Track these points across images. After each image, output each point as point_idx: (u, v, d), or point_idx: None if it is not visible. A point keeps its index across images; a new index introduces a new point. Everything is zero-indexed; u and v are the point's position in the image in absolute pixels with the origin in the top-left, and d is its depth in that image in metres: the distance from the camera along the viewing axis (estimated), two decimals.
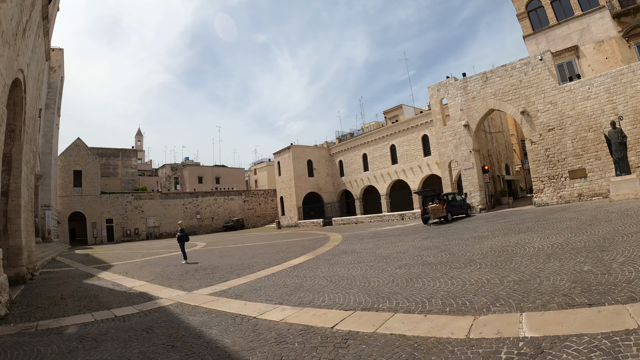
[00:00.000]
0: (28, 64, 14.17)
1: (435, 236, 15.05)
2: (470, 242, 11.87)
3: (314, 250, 15.29)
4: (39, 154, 32.30)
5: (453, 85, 28.17)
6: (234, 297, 7.78)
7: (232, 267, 12.62)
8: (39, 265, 17.86)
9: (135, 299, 8.73)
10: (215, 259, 16.11)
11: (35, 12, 14.03)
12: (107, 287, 11.06)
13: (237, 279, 10.10)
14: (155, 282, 11.01)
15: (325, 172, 48.86)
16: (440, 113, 29.48)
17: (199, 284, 9.89)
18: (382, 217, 34.43)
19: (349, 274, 8.94)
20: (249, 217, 59.23)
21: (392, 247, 13.11)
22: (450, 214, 22.95)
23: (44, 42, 16.89)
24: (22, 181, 14.48)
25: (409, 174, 37.67)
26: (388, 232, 20.16)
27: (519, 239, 10.83)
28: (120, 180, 54.80)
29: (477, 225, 17.27)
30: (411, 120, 37.65)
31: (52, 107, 35.10)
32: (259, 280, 9.55)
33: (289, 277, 9.44)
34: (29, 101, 14.93)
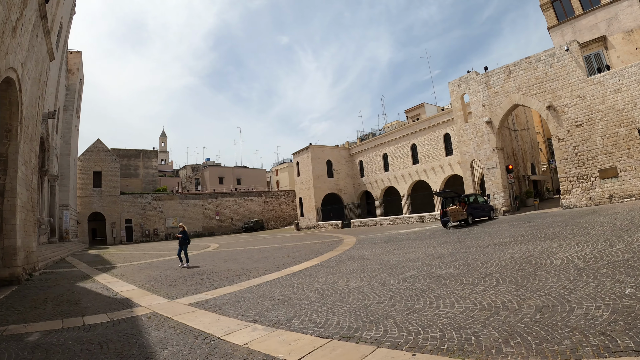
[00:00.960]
0: (23, 63, 13.71)
1: (452, 242, 13.79)
2: (489, 250, 10.59)
3: (321, 256, 14.32)
4: (56, 154, 32.48)
5: (474, 79, 26.53)
6: (212, 309, 7.05)
7: (229, 273, 11.90)
8: (42, 266, 17.50)
9: (115, 305, 8.27)
10: (218, 263, 15.38)
11: (30, 11, 13.55)
12: (95, 290, 10.61)
13: (227, 287, 9.34)
14: (145, 287, 10.47)
15: (345, 173, 47.68)
16: (461, 109, 27.87)
17: (186, 291, 9.25)
18: (401, 219, 33.03)
19: (346, 286, 7.85)
20: (268, 218, 58.63)
21: (402, 254, 11.98)
22: (471, 217, 21.55)
23: (46, 42, 16.46)
24: (19, 181, 14.10)
25: (430, 174, 36.05)
26: (404, 236, 18.96)
27: (545, 248, 9.50)
28: (141, 181, 55.20)
29: (499, 230, 15.84)
30: (432, 119, 36.04)
31: (71, 109, 35.33)
32: (249, 289, 8.70)
33: (280, 287, 8.52)
34: (26, 101, 14.53)
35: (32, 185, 16.33)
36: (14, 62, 12.55)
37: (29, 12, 13.47)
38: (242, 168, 70.74)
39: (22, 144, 14.48)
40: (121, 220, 45.79)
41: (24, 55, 13.65)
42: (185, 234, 15.39)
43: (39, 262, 16.80)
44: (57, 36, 28.73)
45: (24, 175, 14.82)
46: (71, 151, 35.51)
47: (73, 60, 36.13)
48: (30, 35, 14.14)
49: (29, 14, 13.54)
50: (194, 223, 52.23)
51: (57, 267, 17.83)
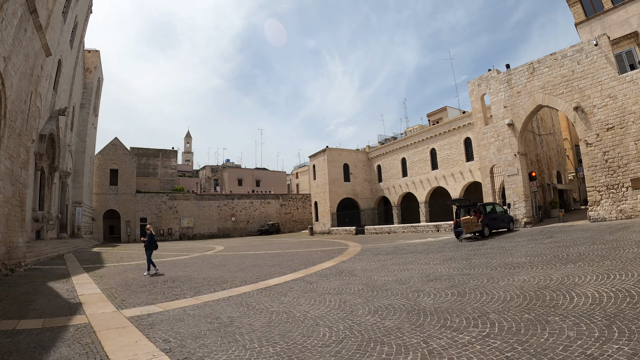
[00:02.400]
0: (6, 57, 13.72)
1: (459, 258, 12.42)
2: (497, 273, 9.07)
3: (311, 267, 13.35)
4: (70, 151, 32.30)
5: (495, 78, 24.58)
6: (146, 326, 6.36)
7: (203, 282, 11.15)
8: (33, 262, 17.35)
9: (62, 310, 7.86)
10: (203, 269, 14.65)
11: (13, 5, 13.54)
12: (58, 292, 10.18)
13: (186, 299, 8.64)
14: (108, 292, 10.01)
15: (362, 177, 46.13)
16: (481, 111, 25.97)
17: (142, 300, 8.68)
18: (416, 228, 31.29)
19: (305, 312, 6.67)
20: (285, 222, 57.63)
21: (396, 272, 10.75)
22: (487, 228, 19.91)
23: (39, 37, 15.90)
24: (1, 176, 13.42)
25: (450, 180, 34.02)
26: (411, 247, 17.73)
27: (566, 275, 7.82)
28: (160, 180, 55.39)
29: (515, 245, 14.29)
30: (452, 122, 34.06)
31: (87, 107, 35.41)
32: (204, 305, 7.94)
33: (237, 306, 7.63)
34: (11, 95, 14.29)
35: (20, 181, 15.92)
36: None
37: (12, 5, 13.18)
38: (262, 170, 70.13)
39: (5, 138, 14.03)
40: (136, 218, 45.90)
41: (7, 49, 13.48)
42: (151, 237, 14.07)
43: (26, 258, 16.64)
44: (72, 34, 28.57)
45: (8, 170, 14.40)
46: (86, 148, 35.65)
47: (91, 59, 36.29)
48: (16, 29, 13.88)
49: (13, 7, 13.20)
50: (209, 224, 51.84)
51: (48, 264, 17.62)
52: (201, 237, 49.63)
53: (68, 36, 27.15)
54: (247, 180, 65.53)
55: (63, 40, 25.78)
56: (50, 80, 24.71)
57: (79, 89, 33.67)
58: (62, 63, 26.58)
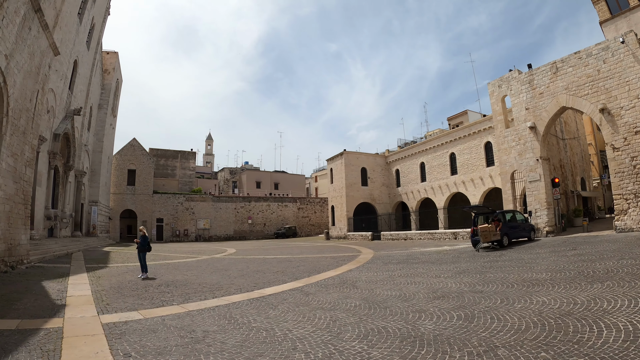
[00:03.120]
0: (8, 55, 13.28)
1: (473, 271, 11.46)
2: (513, 291, 8.02)
3: (315, 276, 12.72)
4: (87, 151, 32.50)
5: (516, 79, 23.37)
6: (116, 336, 6.00)
7: (197, 288, 10.79)
8: (37, 259, 17.39)
9: (44, 312, 7.66)
10: (203, 274, 14.25)
11: (15, 3, 13.00)
12: (49, 292, 10.04)
13: (171, 307, 8.24)
14: (98, 294, 9.82)
15: (380, 182, 45.15)
16: (501, 113, 24.76)
17: (127, 306, 8.39)
18: (433, 235, 30.21)
19: (287, 331, 6.11)
20: (302, 225, 57.11)
21: (402, 285, 9.90)
22: (506, 238, 18.82)
23: (46, 36, 15.72)
24: (2, 173, 14.41)
25: (469, 186, 32.69)
26: (424, 257, 16.90)
27: (592, 297, 6.70)
28: (178, 182, 55.75)
29: (535, 258, 13.25)
30: (472, 125, 32.76)
31: (105, 107, 35.78)
32: (185, 314, 7.47)
33: (219, 318, 7.04)
34: (14, 93, 14.44)
35: (25, 179, 15.98)
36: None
37: (14, 4, 13.23)
38: (281, 173, 69.90)
39: (8, 136, 14.09)
40: (152, 219, 46.22)
41: (9, 47, 13.54)
42: (144, 239, 13.57)
43: (30, 256, 16.77)
44: (89, 35, 28.67)
45: (10, 167, 14.39)
46: (104, 148, 36.05)
47: (109, 61, 36.73)
48: (19, 27, 13.83)
49: (15, 6, 13.24)
50: (226, 226, 51.75)
51: (53, 262, 17.68)
52: (217, 239, 49.63)
53: (84, 37, 27.39)
54: (266, 183, 65.36)
55: (79, 41, 25.99)
56: (66, 80, 24.91)
57: (96, 89, 34.05)
58: (78, 64, 26.82)
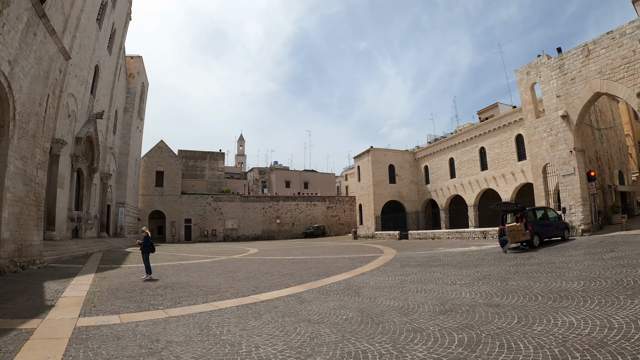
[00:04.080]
0: (12, 60, 13.72)
1: (494, 277, 10.37)
2: (535, 307, 6.73)
3: (322, 279, 12.26)
4: (113, 153, 34.10)
5: (546, 65, 22.05)
6: (80, 340, 5.99)
7: (195, 291, 10.77)
8: (52, 260, 18.09)
9: (29, 312, 7.82)
10: (209, 276, 14.22)
11: (15, 10, 13.47)
12: (44, 292, 10.37)
13: (154, 311, 8.22)
14: (90, 296, 9.99)
15: (408, 179, 44.28)
16: (531, 102, 23.50)
17: (115, 309, 8.44)
18: (461, 234, 29.24)
19: (253, 348, 5.44)
20: (332, 225, 57.05)
21: (410, 294, 9.01)
22: (537, 237, 17.56)
23: (54, 41, 16.64)
24: (10, 175, 14.84)
25: (500, 182, 31.31)
26: (446, 259, 16.04)
27: (632, 318, 5.40)
28: (207, 182, 57.30)
29: (567, 261, 12.03)
30: (502, 118, 31.31)
31: (131, 111, 37.35)
32: (161, 321, 7.31)
33: (189, 328, 6.74)
34: (21, 97, 15.27)
35: (36, 181, 16.78)
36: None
37: (15, 11, 13.78)
38: (310, 172, 70.22)
39: (15, 139, 14.85)
40: (181, 219, 47.74)
41: (12, 53, 14.13)
42: (147, 240, 13.71)
43: (43, 256, 17.37)
44: (110, 40, 30.05)
45: (19, 170, 15.17)
46: (130, 151, 37.59)
47: (133, 65, 38.32)
48: (22, 33, 14.45)
49: (16, 12, 13.83)
50: (254, 226, 52.63)
51: (67, 263, 18.32)
52: (245, 239, 50.52)
53: (105, 43, 28.74)
54: (295, 182, 65.88)
55: (99, 46, 27.29)
56: (87, 84, 26.23)
57: (121, 93, 35.67)
58: (99, 68, 28.16)
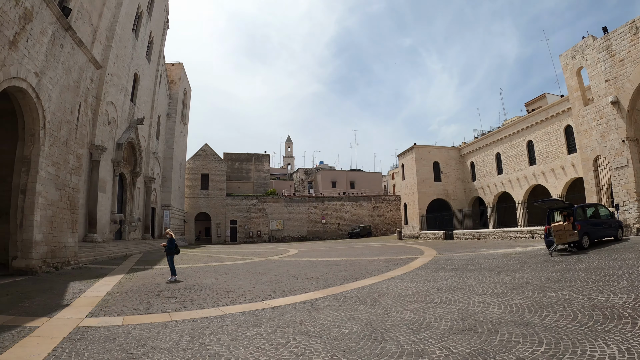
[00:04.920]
0: (39, 72, 14.72)
1: (532, 286, 9.16)
2: (572, 328, 5.62)
3: (347, 284, 11.64)
4: (157, 158, 35.94)
5: (591, 47, 20.15)
6: (73, 340, 6.21)
7: (212, 294, 10.77)
8: (88, 261, 19.40)
9: (42, 310, 8.23)
10: (234, 278, 14.13)
11: (39, 24, 14.40)
12: (66, 292, 10.87)
13: (159, 314, 8.29)
14: (108, 296, 10.33)
15: (454, 176, 42.64)
16: (578, 89, 21.62)
17: (124, 310, 8.65)
18: (507, 234, 27.67)
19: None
20: (378, 224, 56.34)
21: (431, 305, 8.10)
22: (587, 238, 15.75)
23: (83, 52, 17.75)
24: (41, 181, 15.83)
25: (550, 177, 29.14)
26: (485, 262, 14.94)
27: None
28: (253, 184, 58.74)
29: (619, 266, 10.74)
30: (550, 108, 29.10)
31: (174, 116, 39.17)
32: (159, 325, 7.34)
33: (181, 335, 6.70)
34: (50, 107, 16.22)
35: (70, 185, 17.90)
36: (19, 72, 13.66)
37: (38, 25, 14.69)
38: (357, 172, 69.81)
39: (46, 147, 15.88)
40: (226, 221, 49.30)
41: (38, 65, 15.09)
42: (171, 242, 13.89)
43: (78, 257, 18.46)
44: (148, 49, 31.70)
45: (51, 175, 16.24)
46: (174, 155, 39.43)
47: (174, 72, 40.18)
48: (48, 46, 15.38)
49: (40, 26, 14.76)
50: (299, 227, 53.17)
51: (102, 264, 19.38)
52: (290, 240, 51.22)
53: (143, 51, 30.40)
54: (341, 182, 65.78)
55: (137, 55, 28.92)
56: (126, 92, 27.89)
57: (163, 99, 37.58)
58: (138, 76, 29.84)
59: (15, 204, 14.79)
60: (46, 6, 14.59)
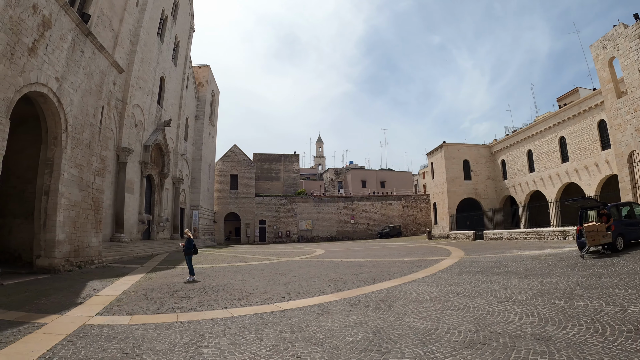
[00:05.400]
0: (60, 77, 15.39)
1: (560, 293, 8.35)
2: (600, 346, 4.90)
3: (365, 287, 11.17)
4: (186, 159, 36.85)
5: (623, 35, 18.79)
6: (76, 338, 6.35)
7: (224, 294, 10.73)
8: (113, 260, 20.04)
9: (55, 308, 8.46)
10: (252, 279, 13.93)
11: (59, 31, 15.02)
12: (83, 290, 11.14)
13: (167, 314, 8.34)
14: (123, 295, 10.51)
15: (485, 175, 41.21)
16: (610, 80, 20.29)
17: (134, 309, 8.77)
18: (539, 234, 26.39)
19: None
20: (408, 224, 55.35)
21: (447, 312, 7.41)
22: (621, 239, 14.60)
23: (105, 56, 18.27)
24: (64, 182, 16.47)
25: (583, 174, 27.49)
26: (514, 264, 14.11)
27: None
28: (282, 184, 59.16)
29: None
30: (582, 102, 27.40)
31: (202, 118, 40.05)
32: (163, 326, 7.37)
33: (179, 335, 6.77)
34: (72, 110, 16.82)
35: (93, 187, 18.53)
36: (39, 78, 14.17)
37: (57, 32, 15.21)
38: (387, 171, 68.88)
39: (69, 149, 16.52)
40: (255, 221, 49.91)
41: (59, 71, 15.56)
42: (190, 242, 14.01)
43: (102, 256, 18.92)
44: (174, 52, 32.51)
45: (74, 177, 16.88)
46: (203, 156, 40.29)
47: (202, 74, 41.06)
48: (68, 52, 15.90)
49: (59, 33, 15.29)
50: (328, 227, 53.07)
51: (126, 263, 19.94)
52: (319, 240, 51.18)
53: (169, 55, 31.24)
54: (371, 182, 65.11)
55: (163, 58, 29.75)
56: (153, 95, 28.73)
57: (191, 102, 38.50)
58: (165, 79, 30.69)
59: (39, 204, 15.42)
60: (65, 13, 15.13)
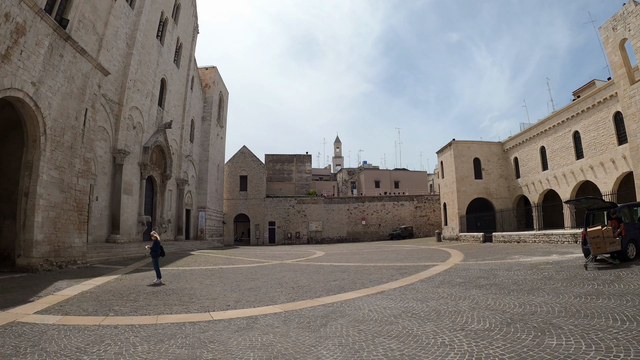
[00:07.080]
0: (37, 82, 15.07)
1: (536, 321, 6.27)
2: None
3: (324, 297, 9.94)
4: (192, 161, 36.36)
5: (634, 13, 17.13)
6: (12, 335, 6.39)
7: (178, 298, 10.27)
8: (99, 261, 19.90)
9: (4, 305, 8.60)
10: (219, 283, 13.24)
11: (34, 37, 14.69)
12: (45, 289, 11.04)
13: (99, 317, 8.08)
14: (82, 295, 10.52)
15: (497, 173, 39.22)
16: (622, 65, 18.63)
17: (75, 310, 8.61)
18: (549, 237, 24.59)
19: None
20: (420, 225, 53.61)
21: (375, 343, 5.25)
22: (633, 246, 12.55)
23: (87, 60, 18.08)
24: (42, 184, 16.23)
25: (599, 171, 25.43)
26: (505, 275, 12.36)
27: None
28: (294, 185, 58.34)
29: None
30: (596, 93, 25.31)
31: (209, 119, 39.63)
32: (88, 327, 7.15)
33: (92, 337, 6.49)
34: (51, 114, 16.36)
35: (76, 188, 18.29)
36: (14, 83, 14.25)
37: (33, 38, 14.83)
38: (401, 171, 67.21)
39: (48, 151, 16.39)
40: (265, 222, 49.24)
41: (35, 75, 15.19)
42: (156, 244, 13.33)
43: (86, 257, 18.53)
44: (176, 54, 32.02)
45: (54, 179, 16.76)
46: (210, 157, 39.87)
47: (208, 75, 40.61)
48: (45, 56, 15.76)
49: (35, 39, 15.18)
50: (338, 228, 51.97)
51: (112, 264, 19.51)
52: (329, 241, 50.18)
53: (170, 57, 30.81)
54: (385, 182, 63.58)
55: (163, 60, 29.32)
56: (153, 97, 28.31)
57: (197, 103, 38.07)
58: (166, 81, 30.24)
59: (19, 206, 15.38)
60: (40, 19, 14.84)
